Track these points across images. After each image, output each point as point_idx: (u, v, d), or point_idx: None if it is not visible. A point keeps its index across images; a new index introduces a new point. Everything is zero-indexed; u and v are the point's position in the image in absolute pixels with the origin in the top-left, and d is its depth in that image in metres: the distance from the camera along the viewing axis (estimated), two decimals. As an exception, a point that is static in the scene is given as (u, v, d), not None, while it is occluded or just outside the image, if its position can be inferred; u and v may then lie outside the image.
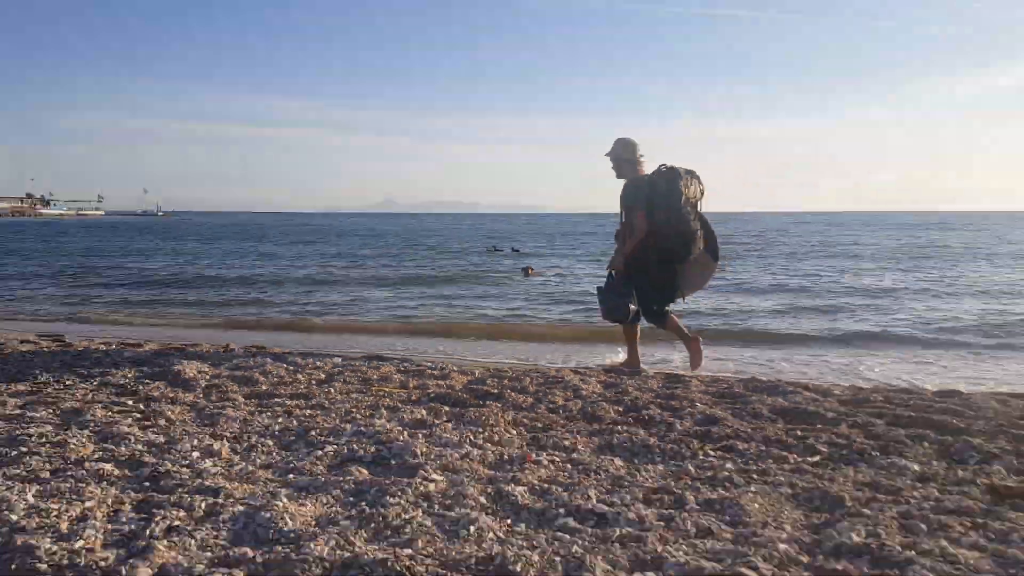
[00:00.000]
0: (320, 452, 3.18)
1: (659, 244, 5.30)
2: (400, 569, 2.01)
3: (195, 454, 3.13)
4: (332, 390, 4.49)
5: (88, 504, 2.48)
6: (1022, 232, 43.52)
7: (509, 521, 2.45)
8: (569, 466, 3.07)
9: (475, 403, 4.19)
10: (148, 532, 2.26)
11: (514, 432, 3.60)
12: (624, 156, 5.46)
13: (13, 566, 2.01)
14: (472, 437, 3.45)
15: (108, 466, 2.91)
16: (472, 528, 2.34)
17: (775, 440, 3.46)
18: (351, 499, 2.63)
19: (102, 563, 2.05)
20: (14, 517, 2.33)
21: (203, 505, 2.50)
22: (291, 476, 2.89)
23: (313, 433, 3.50)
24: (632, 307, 5.41)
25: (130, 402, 4.09)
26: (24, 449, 3.09)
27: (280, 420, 3.74)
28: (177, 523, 2.35)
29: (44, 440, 3.24)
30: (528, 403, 4.19)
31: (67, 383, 4.58)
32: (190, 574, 1.97)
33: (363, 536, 2.29)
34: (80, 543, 2.17)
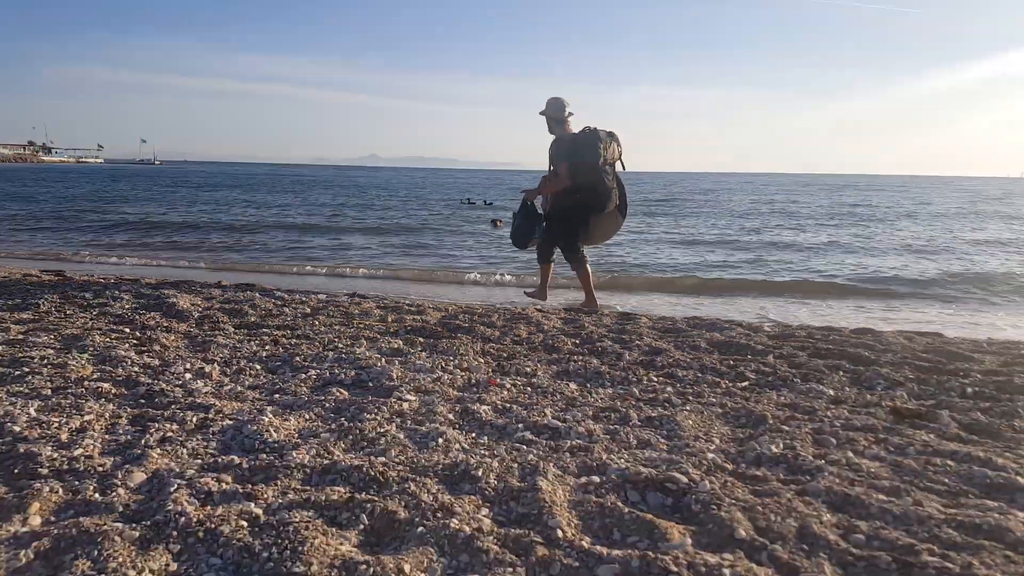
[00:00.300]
0: (304, 375, 3.18)
1: (579, 196, 5.38)
2: (374, 474, 2.03)
3: (187, 376, 3.10)
4: (316, 322, 4.47)
5: (87, 418, 2.46)
6: (935, 194, 44.21)
7: (474, 435, 2.49)
8: (529, 389, 3.12)
9: (447, 335, 4.20)
10: (143, 442, 2.26)
11: (482, 360, 3.63)
12: (553, 115, 5.48)
13: (16, 470, 2.00)
14: (444, 364, 3.47)
15: (106, 385, 2.88)
16: (440, 440, 2.37)
17: (710, 368, 3.53)
18: (332, 415, 2.64)
19: (100, 468, 2.05)
20: (17, 428, 2.30)
21: (194, 419, 2.49)
22: (276, 396, 2.89)
23: (298, 359, 3.49)
24: (535, 239, 5.56)
25: (127, 330, 4.02)
26: (27, 370, 3.04)
27: (267, 348, 3.72)
28: (170, 435, 2.34)
29: (46, 362, 3.19)
30: (495, 336, 4.21)
31: (68, 312, 4.48)
32: (182, 478, 1.97)
33: (341, 447, 2.30)
34: (79, 451, 2.16)
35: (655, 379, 3.34)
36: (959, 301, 7.38)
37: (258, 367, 3.34)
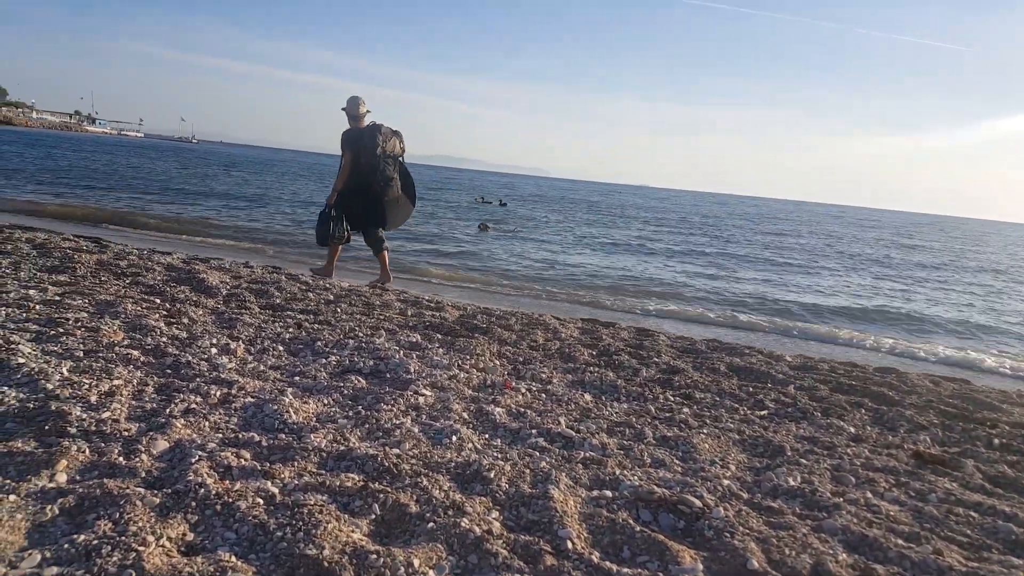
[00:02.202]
0: (324, 360, 3.20)
1: (362, 182, 6.10)
2: (388, 465, 2.04)
3: (213, 350, 3.14)
4: (339, 310, 4.50)
5: (116, 382, 2.50)
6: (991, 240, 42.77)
7: (487, 436, 2.49)
8: (544, 395, 3.11)
9: (465, 334, 4.20)
10: (168, 411, 2.29)
11: (498, 362, 3.63)
12: (351, 111, 6.21)
13: (47, 427, 2.03)
14: (460, 362, 3.47)
15: (135, 352, 2.92)
16: (454, 438, 2.37)
17: (729, 393, 3.50)
18: (349, 403, 2.66)
19: (125, 432, 2.08)
20: (50, 386, 2.35)
21: (218, 394, 2.53)
22: (297, 378, 2.92)
23: (319, 344, 3.51)
24: (339, 236, 6.20)
25: (158, 301, 4.08)
26: (61, 330, 3.09)
27: (291, 330, 3.75)
28: (194, 407, 2.37)
29: (80, 325, 3.24)
30: (512, 339, 4.21)
31: (102, 279, 4.55)
32: (203, 450, 2.00)
33: (357, 434, 2.32)
34: (107, 414, 2.20)
35: (672, 398, 3.31)
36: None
37: (281, 348, 3.37)
